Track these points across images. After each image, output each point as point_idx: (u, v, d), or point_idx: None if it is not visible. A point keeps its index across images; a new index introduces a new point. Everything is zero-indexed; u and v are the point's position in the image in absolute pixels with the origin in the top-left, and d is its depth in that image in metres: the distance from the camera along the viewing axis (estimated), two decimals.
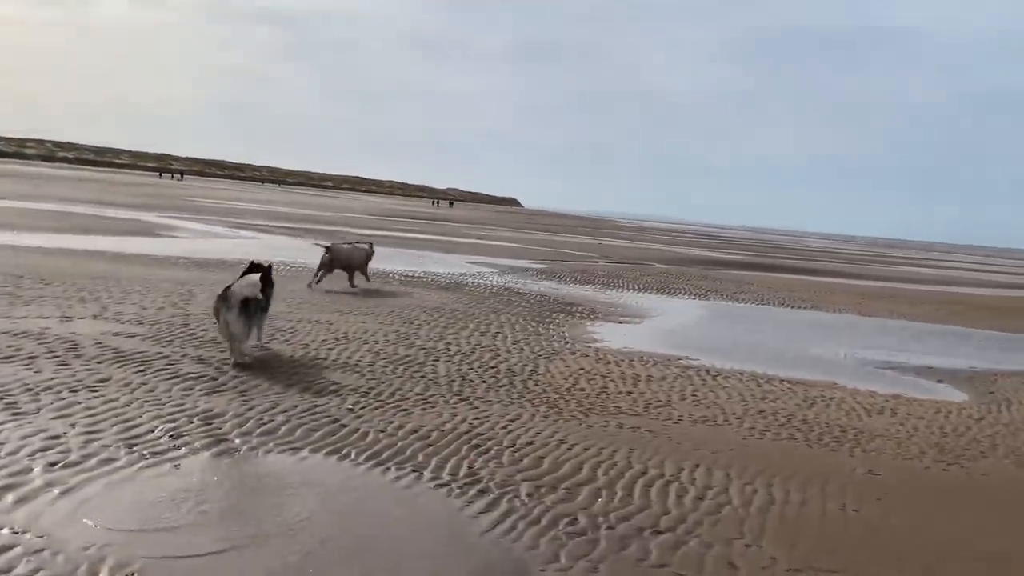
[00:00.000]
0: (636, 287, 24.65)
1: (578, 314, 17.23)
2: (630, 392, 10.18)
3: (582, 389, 10.08)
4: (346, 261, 17.78)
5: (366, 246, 18.47)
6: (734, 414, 9.53)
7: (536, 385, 10.04)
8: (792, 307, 22.98)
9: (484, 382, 9.92)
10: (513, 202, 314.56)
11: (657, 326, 16.62)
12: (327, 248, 17.75)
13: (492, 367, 10.83)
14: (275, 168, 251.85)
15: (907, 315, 23.08)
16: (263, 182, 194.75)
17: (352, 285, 17.70)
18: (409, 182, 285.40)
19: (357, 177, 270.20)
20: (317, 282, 17.29)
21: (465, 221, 74.66)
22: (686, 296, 23.47)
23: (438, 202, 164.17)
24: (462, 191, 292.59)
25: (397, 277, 20.88)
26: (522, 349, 12.37)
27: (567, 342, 13.39)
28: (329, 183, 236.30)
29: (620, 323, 16.62)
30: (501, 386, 9.79)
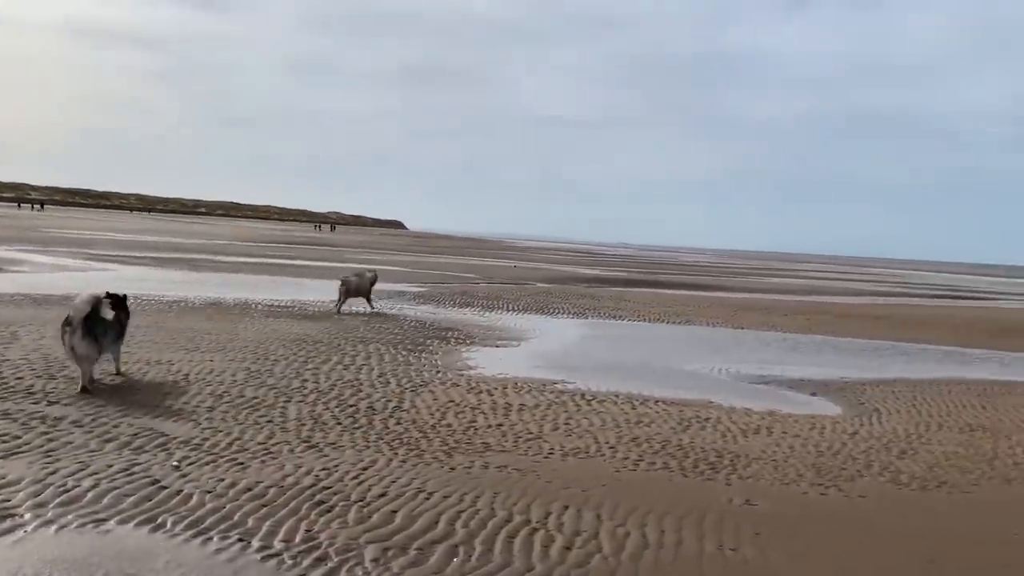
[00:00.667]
0: (516, 308, 24.18)
1: (454, 339, 16.53)
2: (500, 425, 9.52)
3: (448, 425, 9.35)
4: (356, 289, 20.72)
5: (371, 275, 21.47)
6: (607, 443, 9.00)
7: (398, 424, 9.24)
8: (668, 322, 22.99)
9: (339, 424, 9.04)
10: (398, 225, 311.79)
11: (534, 348, 16.10)
12: (342, 281, 20.78)
13: (351, 406, 9.95)
14: (144, 196, 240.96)
15: (778, 326, 23.49)
16: (132, 210, 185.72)
17: (371, 307, 20.73)
18: (288, 206, 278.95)
19: (233, 203, 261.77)
20: (338, 312, 19.97)
21: (345, 245, 72.94)
22: (565, 315, 23.16)
23: (320, 226, 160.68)
24: (344, 215, 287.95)
25: (259, 307, 19.64)
26: (388, 382, 11.54)
27: (439, 371, 12.65)
28: (203, 209, 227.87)
29: (497, 347, 16.02)
30: (358, 428, 8.94)
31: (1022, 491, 8.31)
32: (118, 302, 10.75)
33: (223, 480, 6.87)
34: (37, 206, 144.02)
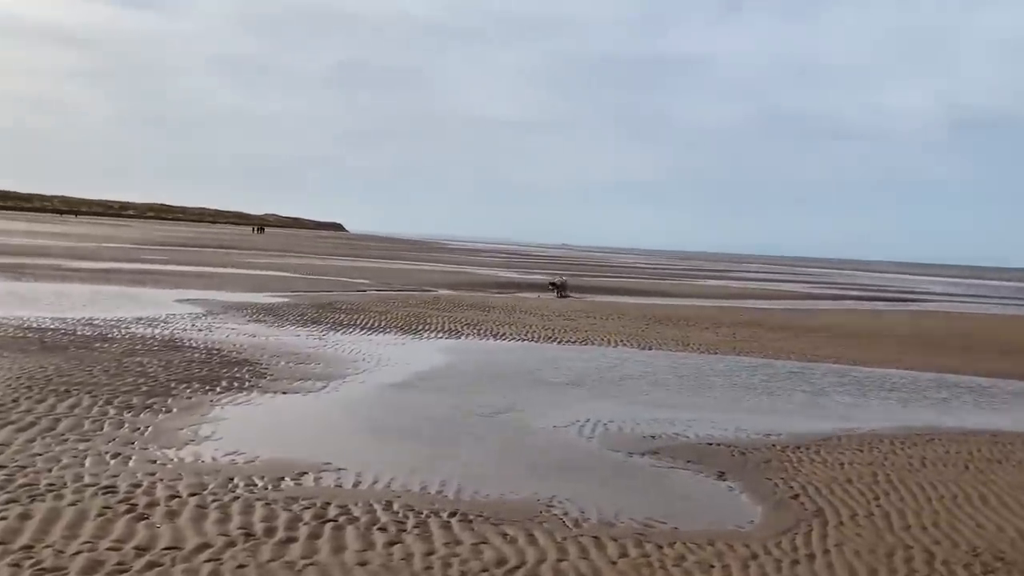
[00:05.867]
0: (377, 325, 19.35)
1: (233, 381, 11.68)
2: None
3: None
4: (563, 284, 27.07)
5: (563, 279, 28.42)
6: None
7: None
8: (560, 341, 18.40)
9: None
10: (337, 227, 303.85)
11: (339, 397, 11.30)
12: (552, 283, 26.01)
13: None
14: (69, 198, 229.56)
15: (696, 345, 19.08)
16: (57, 212, 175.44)
17: None
18: (222, 208, 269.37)
19: (163, 205, 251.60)
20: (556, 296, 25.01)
21: (257, 248, 67.11)
22: (433, 335, 18.40)
23: (256, 229, 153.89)
24: (282, 217, 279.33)
25: (25, 326, 14.40)
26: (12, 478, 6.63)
27: (124, 455, 7.78)
28: (131, 212, 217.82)
29: (286, 394, 11.20)
30: None
31: None
32: None
33: None
34: None
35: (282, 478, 7.44)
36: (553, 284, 35.29)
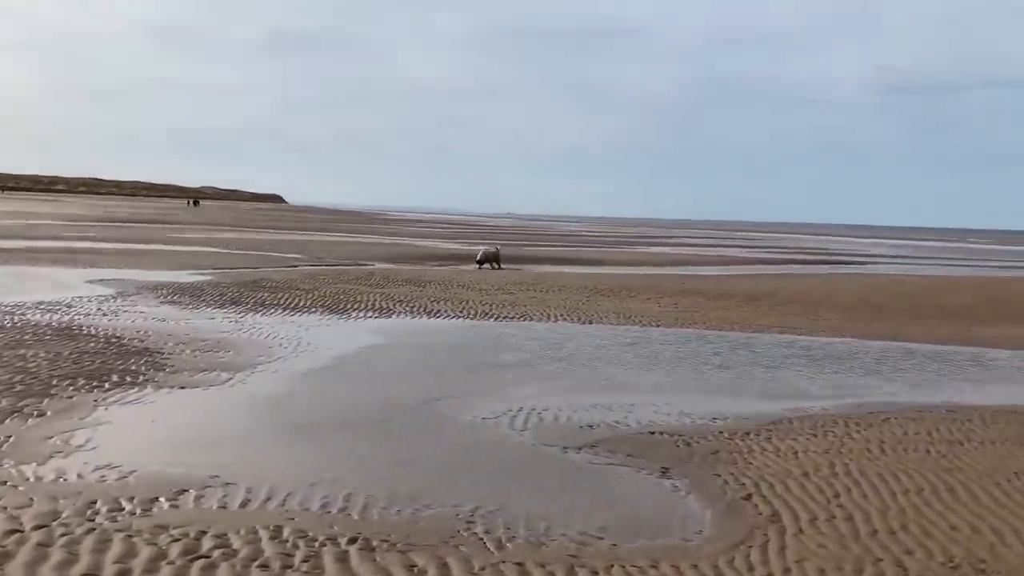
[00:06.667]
0: (301, 305, 18.11)
1: (130, 372, 10.47)
2: None
3: None
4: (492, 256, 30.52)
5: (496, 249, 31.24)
6: None
7: None
8: (497, 318, 17.42)
9: None
10: (277, 199, 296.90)
11: (249, 390, 10.15)
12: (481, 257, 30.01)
13: None
14: None
15: (638, 316, 18.28)
16: None
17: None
18: (157, 182, 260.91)
19: (95, 179, 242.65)
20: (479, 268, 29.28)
21: (189, 222, 64.54)
22: (361, 314, 17.26)
23: (190, 202, 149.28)
24: (219, 189, 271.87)
25: None
26: None
27: None
28: (61, 187, 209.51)
29: (184, 389, 10.02)
30: None
31: None
32: None
33: None
34: None
35: (156, 499, 6.34)
36: (483, 260, 30.77)
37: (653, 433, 8.77)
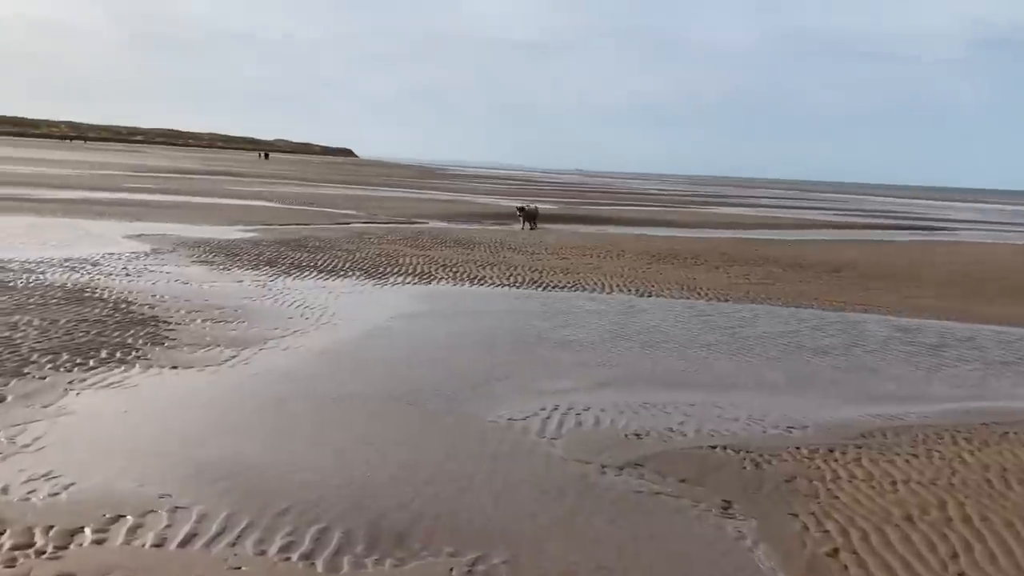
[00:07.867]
0: (339, 266, 16.89)
1: (123, 347, 9.34)
2: None
3: None
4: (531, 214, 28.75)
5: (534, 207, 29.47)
6: None
7: None
8: (546, 287, 15.85)
9: None
10: (348, 153, 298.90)
11: (245, 372, 8.87)
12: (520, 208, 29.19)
13: None
14: (77, 123, 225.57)
15: (703, 289, 16.49)
16: (64, 138, 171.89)
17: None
18: (233, 134, 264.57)
19: (173, 130, 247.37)
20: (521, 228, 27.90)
21: (255, 175, 64.34)
22: (400, 280, 15.91)
23: (263, 154, 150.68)
24: (292, 142, 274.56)
25: None
26: None
27: None
28: (140, 138, 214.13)
29: (175, 369, 8.81)
30: None
31: None
32: None
33: None
34: None
35: (79, 530, 5.08)
36: (521, 210, 29.40)
37: (714, 448, 7.18)
